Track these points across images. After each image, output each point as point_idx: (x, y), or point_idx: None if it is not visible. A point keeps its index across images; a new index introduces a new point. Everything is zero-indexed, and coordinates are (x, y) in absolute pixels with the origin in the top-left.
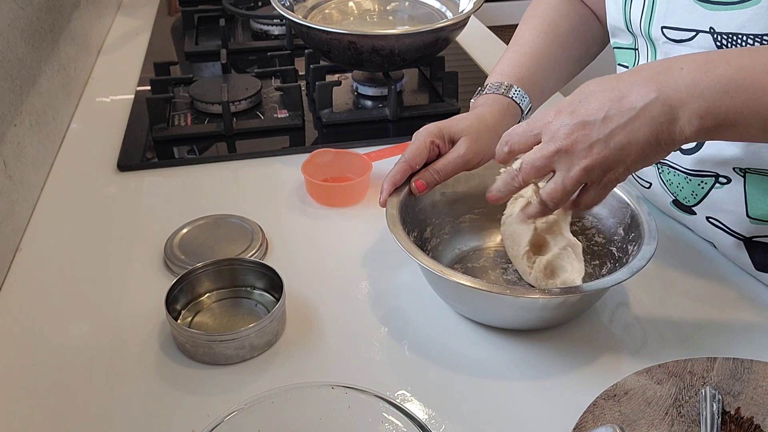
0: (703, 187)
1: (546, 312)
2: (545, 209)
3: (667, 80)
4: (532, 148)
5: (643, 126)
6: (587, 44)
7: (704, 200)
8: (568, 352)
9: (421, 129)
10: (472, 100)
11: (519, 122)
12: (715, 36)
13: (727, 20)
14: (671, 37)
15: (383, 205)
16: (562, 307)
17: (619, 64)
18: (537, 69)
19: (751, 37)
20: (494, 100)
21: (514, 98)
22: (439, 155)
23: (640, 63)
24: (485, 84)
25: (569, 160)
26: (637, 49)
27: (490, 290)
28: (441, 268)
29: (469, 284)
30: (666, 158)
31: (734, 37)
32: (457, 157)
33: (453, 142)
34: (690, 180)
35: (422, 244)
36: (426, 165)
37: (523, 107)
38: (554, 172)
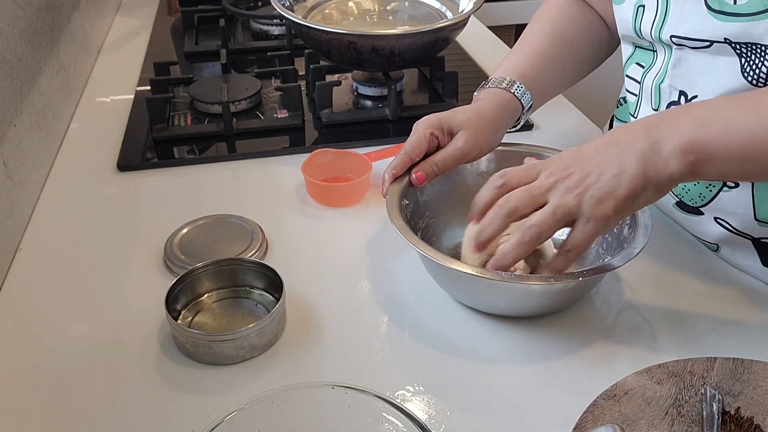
0: (711, 190)
1: (544, 299)
2: (533, 239)
3: (652, 125)
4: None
5: (632, 159)
6: (594, 49)
7: (711, 203)
8: (567, 351)
9: (420, 120)
10: (475, 93)
11: (518, 119)
12: (733, 45)
13: (740, 31)
14: (681, 45)
15: (386, 195)
16: (559, 293)
17: (637, 63)
18: (541, 68)
19: None
20: (495, 94)
21: (515, 93)
22: (438, 147)
23: (656, 63)
24: (489, 79)
25: (564, 189)
26: (656, 51)
27: (484, 276)
28: (441, 255)
29: (469, 272)
30: None
31: (753, 47)
32: (455, 149)
33: (452, 135)
34: (697, 183)
35: (421, 236)
36: (426, 156)
37: (523, 103)
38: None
